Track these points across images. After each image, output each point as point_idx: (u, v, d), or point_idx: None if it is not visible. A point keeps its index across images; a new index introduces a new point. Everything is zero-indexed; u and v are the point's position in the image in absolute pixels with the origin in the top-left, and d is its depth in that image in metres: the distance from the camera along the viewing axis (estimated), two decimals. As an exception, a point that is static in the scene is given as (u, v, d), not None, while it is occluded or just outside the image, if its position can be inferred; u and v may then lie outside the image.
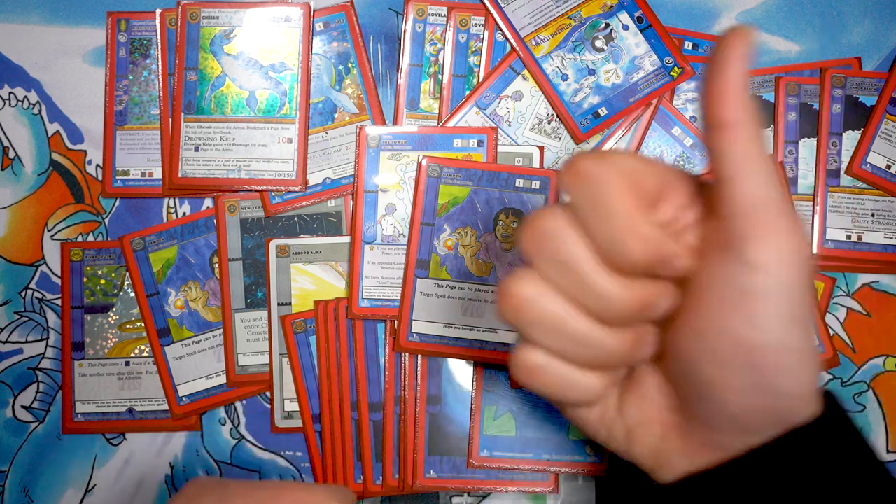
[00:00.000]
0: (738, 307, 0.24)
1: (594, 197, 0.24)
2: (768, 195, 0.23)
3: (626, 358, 0.27)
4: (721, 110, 0.24)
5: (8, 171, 0.57)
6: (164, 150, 0.57)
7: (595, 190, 0.24)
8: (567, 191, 0.25)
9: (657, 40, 0.56)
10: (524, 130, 0.56)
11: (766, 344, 0.24)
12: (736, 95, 0.24)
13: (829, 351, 0.54)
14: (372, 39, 0.58)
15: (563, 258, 0.25)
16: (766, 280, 0.23)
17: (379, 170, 0.55)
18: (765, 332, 0.24)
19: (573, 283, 0.25)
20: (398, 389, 0.54)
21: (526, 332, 0.26)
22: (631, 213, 0.24)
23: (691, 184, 0.27)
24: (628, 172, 0.25)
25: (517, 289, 0.26)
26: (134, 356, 0.56)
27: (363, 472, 0.54)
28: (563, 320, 0.26)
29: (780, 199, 0.24)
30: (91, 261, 0.56)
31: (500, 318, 0.27)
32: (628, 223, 0.24)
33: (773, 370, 0.24)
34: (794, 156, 0.57)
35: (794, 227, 0.24)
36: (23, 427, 0.56)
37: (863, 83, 0.57)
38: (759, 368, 0.24)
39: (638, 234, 0.24)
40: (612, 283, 0.25)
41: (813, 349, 0.25)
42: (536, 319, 0.26)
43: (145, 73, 0.58)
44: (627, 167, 0.25)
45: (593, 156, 0.25)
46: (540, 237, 0.25)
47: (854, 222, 0.56)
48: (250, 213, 0.56)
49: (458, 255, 0.54)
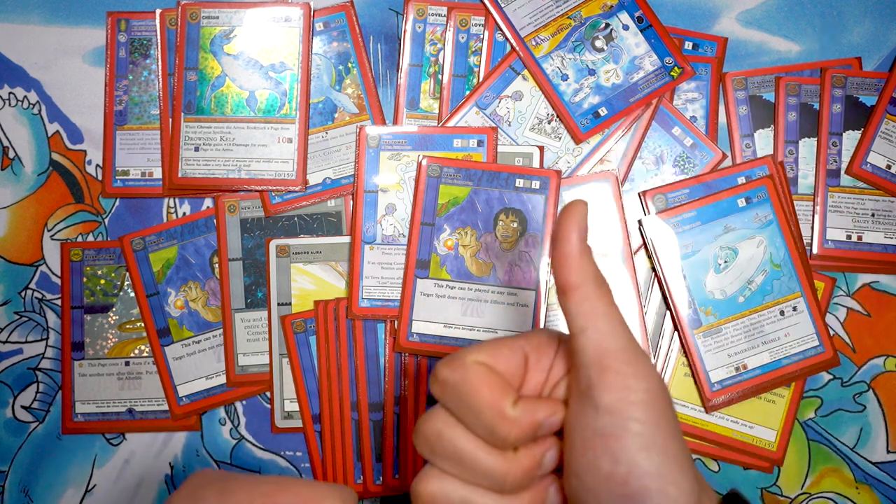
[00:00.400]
0: (600, 447, 0.27)
1: (459, 399, 0.28)
2: (612, 345, 0.27)
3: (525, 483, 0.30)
4: (563, 277, 0.27)
5: (8, 171, 0.57)
6: (164, 150, 0.57)
7: (457, 393, 0.28)
8: (437, 398, 0.29)
9: (657, 40, 0.56)
10: (524, 130, 0.56)
11: (631, 475, 0.26)
12: (574, 263, 0.27)
13: (829, 351, 0.54)
14: (372, 39, 0.58)
15: (451, 453, 0.29)
16: (614, 420, 0.26)
17: (379, 170, 0.55)
18: (627, 464, 0.26)
19: (466, 471, 0.29)
20: (398, 389, 0.54)
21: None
22: (493, 404, 0.28)
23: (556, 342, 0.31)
24: (482, 367, 0.28)
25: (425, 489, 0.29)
26: (134, 356, 0.56)
27: (363, 472, 0.54)
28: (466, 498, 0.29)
29: (623, 347, 0.27)
30: (91, 261, 0.56)
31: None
32: (493, 413, 0.27)
33: (644, 495, 0.26)
34: (794, 156, 0.57)
35: (638, 369, 0.27)
36: (23, 427, 0.56)
37: (863, 83, 0.57)
38: (632, 497, 0.26)
39: (505, 420, 0.28)
40: (500, 462, 0.28)
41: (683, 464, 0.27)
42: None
43: (145, 73, 0.58)
44: (480, 361, 0.28)
45: (448, 363, 0.28)
46: (427, 439, 0.29)
47: (854, 222, 0.56)
48: (250, 213, 0.56)
49: (458, 255, 0.54)
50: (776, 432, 0.55)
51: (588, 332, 0.27)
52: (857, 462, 0.56)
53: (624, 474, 0.26)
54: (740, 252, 0.55)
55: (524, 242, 0.54)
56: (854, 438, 0.56)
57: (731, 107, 0.58)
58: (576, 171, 0.56)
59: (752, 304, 0.54)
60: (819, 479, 0.56)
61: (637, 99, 0.56)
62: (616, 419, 0.26)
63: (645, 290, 0.56)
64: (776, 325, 0.54)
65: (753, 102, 0.58)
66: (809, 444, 0.56)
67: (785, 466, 0.55)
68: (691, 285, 0.54)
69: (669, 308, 0.55)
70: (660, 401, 0.27)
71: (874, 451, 0.56)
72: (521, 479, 0.29)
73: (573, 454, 0.28)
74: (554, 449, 0.30)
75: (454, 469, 0.29)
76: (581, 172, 0.56)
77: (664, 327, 0.55)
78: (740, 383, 0.54)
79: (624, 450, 0.26)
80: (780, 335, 0.54)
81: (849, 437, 0.56)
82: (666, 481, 0.26)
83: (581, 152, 0.56)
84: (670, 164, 0.57)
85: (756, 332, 0.54)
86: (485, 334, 0.53)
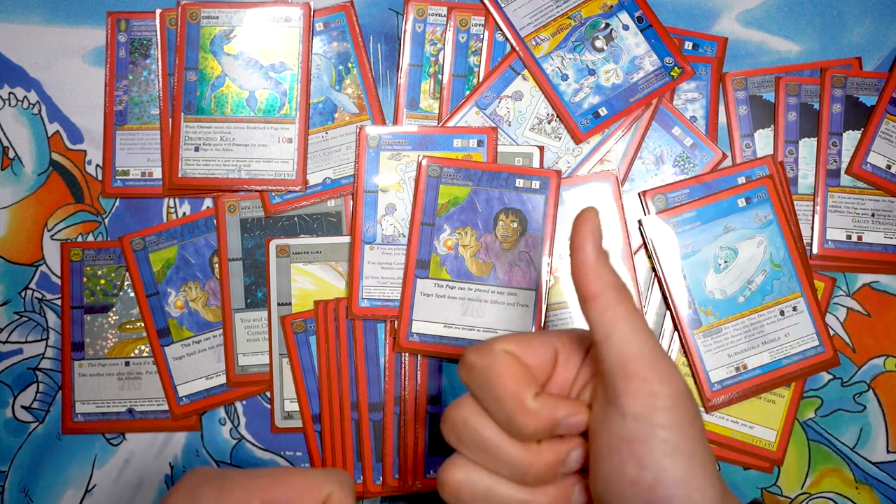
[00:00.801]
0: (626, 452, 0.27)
1: (484, 385, 0.29)
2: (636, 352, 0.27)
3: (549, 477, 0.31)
4: (583, 286, 0.28)
5: (8, 171, 0.57)
6: (163, 150, 0.57)
7: (484, 379, 0.29)
8: (464, 384, 0.29)
9: (657, 40, 0.56)
10: (524, 130, 0.56)
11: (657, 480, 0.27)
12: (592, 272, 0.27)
13: (829, 351, 0.54)
14: (372, 39, 0.58)
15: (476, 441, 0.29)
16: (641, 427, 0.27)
17: (379, 170, 0.55)
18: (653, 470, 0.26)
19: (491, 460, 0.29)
20: (398, 389, 0.54)
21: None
22: (514, 393, 0.28)
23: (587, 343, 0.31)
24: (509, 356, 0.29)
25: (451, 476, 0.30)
26: (134, 356, 0.56)
27: (363, 472, 0.54)
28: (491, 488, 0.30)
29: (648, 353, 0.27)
30: (91, 261, 0.56)
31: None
32: (514, 403, 0.28)
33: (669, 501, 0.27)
34: (794, 156, 0.57)
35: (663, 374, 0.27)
36: (23, 427, 0.56)
37: (863, 83, 0.57)
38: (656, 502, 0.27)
39: (525, 411, 0.28)
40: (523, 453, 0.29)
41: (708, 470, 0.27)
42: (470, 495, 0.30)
43: (145, 73, 0.58)
44: (508, 350, 0.29)
45: (477, 349, 0.29)
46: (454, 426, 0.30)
47: (854, 222, 0.56)
48: (250, 213, 0.56)
49: (458, 255, 0.54)
50: (776, 432, 0.55)
51: (612, 340, 0.27)
52: (857, 462, 0.56)
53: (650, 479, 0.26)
54: (740, 252, 0.55)
55: (524, 242, 0.54)
56: (854, 438, 0.56)
57: (731, 107, 0.58)
58: (576, 171, 0.56)
59: (752, 304, 0.54)
60: (819, 479, 0.56)
61: (637, 99, 0.56)
62: (643, 425, 0.27)
63: (645, 290, 0.56)
64: (776, 325, 0.54)
65: (753, 102, 0.58)
66: (809, 444, 0.56)
67: (785, 466, 0.55)
68: (691, 285, 0.54)
69: (669, 308, 0.55)
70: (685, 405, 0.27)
71: (874, 451, 0.56)
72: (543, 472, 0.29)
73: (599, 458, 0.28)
74: (579, 449, 0.30)
75: (479, 458, 0.30)
76: (581, 172, 0.56)
77: (664, 327, 0.55)
78: (740, 383, 0.54)
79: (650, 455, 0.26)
80: (780, 335, 0.54)
81: (849, 437, 0.56)
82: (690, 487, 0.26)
83: (581, 152, 0.56)
84: (670, 164, 0.57)
85: (756, 332, 0.54)
86: (485, 334, 0.53)
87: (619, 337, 0.27)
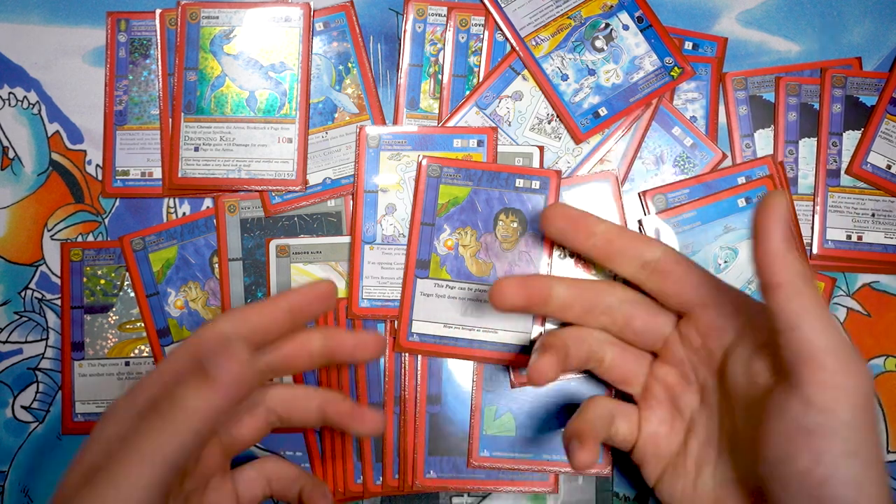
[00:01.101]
0: (803, 442, 0.26)
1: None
2: (825, 343, 0.26)
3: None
4: (768, 274, 0.27)
5: (8, 171, 0.57)
6: (163, 150, 0.57)
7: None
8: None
9: (657, 40, 0.56)
10: (524, 130, 0.56)
11: (831, 478, 0.26)
12: (779, 260, 0.27)
13: (829, 351, 0.54)
14: (372, 39, 0.58)
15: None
16: (828, 420, 0.26)
17: (379, 170, 0.55)
18: (829, 467, 0.26)
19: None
20: (398, 389, 0.54)
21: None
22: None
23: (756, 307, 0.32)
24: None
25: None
26: (134, 356, 0.56)
27: (363, 472, 0.54)
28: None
29: (837, 344, 0.26)
30: (91, 261, 0.56)
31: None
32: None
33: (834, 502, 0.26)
34: (794, 156, 0.57)
35: (855, 369, 0.26)
36: (23, 427, 0.56)
37: (863, 83, 0.57)
38: (822, 500, 0.26)
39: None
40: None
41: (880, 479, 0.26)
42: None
43: (145, 73, 0.58)
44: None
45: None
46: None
47: (854, 222, 0.56)
48: (250, 213, 0.56)
49: (458, 255, 0.54)
50: (776, 432, 0.55)
51: (801, 329, 0.26)
52: (857, 462, 0.56)
53: (822, 475, 0.26)
54: (740, 252, 0.55)
55: (524, 242, 0.54)
56: (854, 438, 0.56)
57: (731, 107, 0.58)
58: (576, 171, 0.56)
59: (752, 304, 0.54)
60: (819, 479, 0.56)
61: (637, 99, 0.56)
62: (827, 418, 0.26)
63: (645, 290, 0.56)
64: (776, 325, 0.54)
65: (753, 102, 0.58)
66: (809, 444, 0.56)
67: (785, 466, 0.55)
68: (691, 285, 0.54)
69: (669, 308, 0.55)
70: (870, 404, 0.27)
71: (874, 451, 0.56)
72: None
73: (769, 441, 0.27)
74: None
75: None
76: (581, 172, 0.56)
77: (664, 327, 0.55)
78: (740, 383, 0.54)
79: (829, 451, 0.26)
80: (780, 335, 0.54)
81: (849, 437, 0.56)
82: (861, 493, 0.26)
83: (581, 152, 0.56)
84: (670, 164, 0.57)
85: (756, 332, 0.54)
86: (485, 334, 0.53)
87: (810, 327, 0.26)
